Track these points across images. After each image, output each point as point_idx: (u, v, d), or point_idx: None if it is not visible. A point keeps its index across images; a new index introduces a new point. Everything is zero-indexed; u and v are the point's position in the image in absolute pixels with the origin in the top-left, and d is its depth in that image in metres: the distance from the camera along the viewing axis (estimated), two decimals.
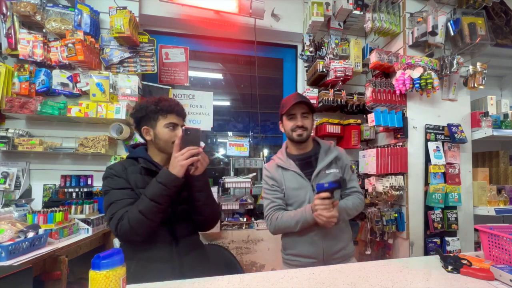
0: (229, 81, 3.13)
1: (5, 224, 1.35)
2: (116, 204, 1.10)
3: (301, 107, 1.38)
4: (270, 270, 2.16)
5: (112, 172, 1.16)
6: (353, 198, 1.41)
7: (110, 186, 1.14)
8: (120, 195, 1.12)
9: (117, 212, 1.08)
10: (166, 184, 1.07)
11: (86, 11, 2.00)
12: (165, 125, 1.20)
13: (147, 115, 1.21)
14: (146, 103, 1.22)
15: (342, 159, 1.46)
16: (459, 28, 2.09)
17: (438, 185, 2.01)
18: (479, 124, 2.13)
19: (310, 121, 1.42)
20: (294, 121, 1.39)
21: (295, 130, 1.39)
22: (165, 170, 1.10)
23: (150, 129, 1.22)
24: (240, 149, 2.36)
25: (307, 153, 1.45)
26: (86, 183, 2.02)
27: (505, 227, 1.12)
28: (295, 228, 1.30)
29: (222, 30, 2.51)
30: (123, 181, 1.14)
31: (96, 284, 0.68)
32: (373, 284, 0.90)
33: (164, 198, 1.08)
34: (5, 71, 1.87)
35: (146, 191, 1.08)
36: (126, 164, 1.20)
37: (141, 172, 1.18)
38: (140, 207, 1.06)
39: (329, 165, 1.41)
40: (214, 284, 0.91)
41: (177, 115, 1.23)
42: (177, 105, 1.24)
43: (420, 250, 2.01)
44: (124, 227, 1.05)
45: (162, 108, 1.20)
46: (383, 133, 2.36)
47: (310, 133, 1.42)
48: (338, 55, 2.41)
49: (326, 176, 1.39)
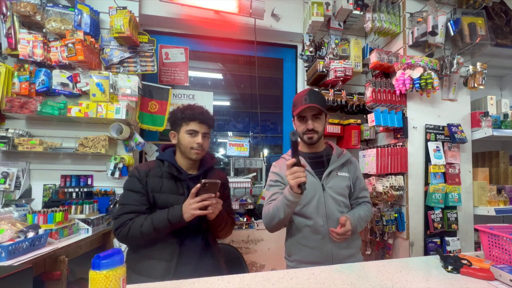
0: (229, 81, 3.13)
1: (5, 224, 1.35)
2: (124, 207, 1.21)
3: (312, 109, 1.32)
4: (270, 270, 2.16)
5: (135, 174, 1.26)
6: (364, 209, 1.39)
7: (128, 186, 1.25)
8: (130, 199, 1.22)
9: (122, 215, 1.18)
10: (173, 224, 1.15)
11: (86, 11, 1.99)
12: (186, 131, 1.29)
13: (175, 121, 1.32)
14: (176, 110, 1.34)
15: (355, 164, 1.45)
16: (459, 28, 2.09)
17: (438, 185, 2.01)
18: (479, 124, 2.13)
19: (322, 122, 1.38)
20: (305, 124, 1.35)
21: (306, 133, 1.36)
22: (178, 211, 1.16)
23: (175, 133, 1.34)
24: (240, 149, 2.36)
25: (319, 152, 1.43)
26: (86, 183, 2.02)
27: (505, 227, 1.12)
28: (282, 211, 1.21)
29: (222, 30, 2.51)
30: (140, 185, 1.23)
31: (96, 284, 0.68)
32: (373, 284, 0.90)
33: (166, 231, 1.17)
34: (5, 71, 1.86)
35: (154, 218, 1.16)
36: (151, 166, 1.29)
37: (162, 175, 1.26)
38: (142, 228, 1.14)
39: (341, 167, 1.39)
40: (214, 284, 0.91)
41: (199, 123, 1.30)
42: (201, 113, 1.31)
43: (420, 250, 2.01)
44: (122, 234, 1.16)
45: (185, 116, 1.29)
46: (383, 133, 2.36)
47: (321, 134, 1.38)
48: (338, 55, 2.40)
49: (337, 177, 1.36)
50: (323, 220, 1.30)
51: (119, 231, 1.16)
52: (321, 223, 1.30)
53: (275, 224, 1.28)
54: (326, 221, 1.30)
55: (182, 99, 2.45)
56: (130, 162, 2.07)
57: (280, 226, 1.32)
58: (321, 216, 1.30)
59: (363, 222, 1.36)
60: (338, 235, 1.25)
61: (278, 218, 1.24)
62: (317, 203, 1.31)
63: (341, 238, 1.26)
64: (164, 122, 2.26)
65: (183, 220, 1.15)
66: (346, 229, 1.25)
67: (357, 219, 1.32)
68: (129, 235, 1.15)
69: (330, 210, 1.31)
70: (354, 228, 1.28)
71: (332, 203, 1.32)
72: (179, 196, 1.25)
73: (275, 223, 1.27)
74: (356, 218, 1.32)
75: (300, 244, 1.33)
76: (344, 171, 1.39)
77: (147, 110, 2.24)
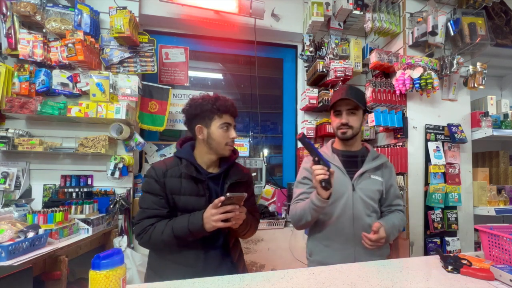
0: (229, 81, 3.12)
1: (5, 224, 1.35)
2: (144, 211, 1.15)
3: (348, 103, 1.28)
4: (270, 270, 2.16)
5: (151, 175, 1.17)
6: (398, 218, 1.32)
7: (146, 188, 1.18)
8: (150, 202, 1.15)
9: (143, 220, 1.13)
10: (193, 233, 1.09)
11: (86, 11, 1.99)
12: (220, 125, 1.17)
13: (202, 113, 1.17)
14: (202, 101, 1.19)
15: (390, 169, 1.39)
16: (459, 28, 2.09)
17: (438, 185, 2.01)
18: (479, 124, 2.13)
19: (358, 118, 1.31)
20: (339, 118, 1.31)
21: (340, 128, 1.31)
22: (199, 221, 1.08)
23: (204, 127, 1.18)
24: (240, 149, 2.36)
25: (354, 151, 1.37)
26: (86, 183, 2.02)
27: (505, 227, 1.12)
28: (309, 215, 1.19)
29: (222, 30, 2.51)
30: (158, 187, 1.14)
31: (96, 284, 0.68)
32: (373, 284, 0.90)
33: (187, 239, 1.11)
34: (5, 71, 1.86)
35: (174, 226, 1.10)
36: (168, 165, 1.18)
37: (181, 175, 1.16)
38: (163, 236, 1.09)
39: (375, 170, 1.33)
40: (214, 284, 0.91)
41: (231, 115, 1.21)
42: (232, 105, 1.21)
43: (420, 250, 2.01)
44: (144, 241, 1.12)
45: (218, 108, 1.17)
46: (383, 133, 2.36)
47: (357, 130, 1.32)
48: (338, 55, 2.40)
49: (369, 180, 1.30)
50: (349, 222, 1.25)
51: (141, 237, 1.12)
52: (347, 225, 1.25)
53: (303, 224, 1.27)
54: (352, 223, 1.25)
55: (182, 99, 2.45)
56: (130, 162, 2.07)
57: (308, 226, 1.31)
58: (347, 217, 1.26)
59: (396, 231, 1.28)
60: (371, 241, 1.19)
61: (306, 220, 1.22)
62: (345, 203, 1.26)
63: (373, 245, 1.20)
64: (164, 122, 2.26)
65: (204, 230, 1.07)
66: (380, 236, 1.18)
67: (391, 227, 1.24)
68: (151, 242, 1.11)
69: (357, 212, 1.26)
70: (387, 236, 1.21)
71: (361, 205, 1.27)
72: (199, 197, 1.16)
73: (302, 223, 1.25)
74: (390, 226, 1.24)
75: (322, 244, 1.30)
76: (377, 175, 1.33)
77: (147, 110, 2.24)
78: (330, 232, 1.28)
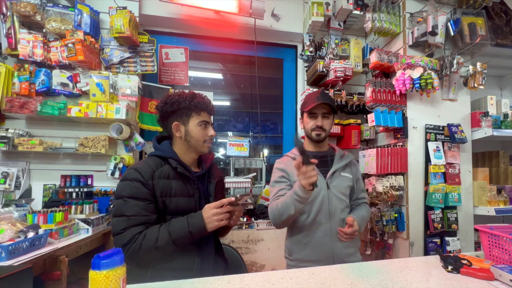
0: (229, 81, 3.12)
1: (5, 224, 1.35)
2: (129, 220, 1.02)
3: (323, 107, 1.39)
4: (270, 270, 2.16)
5: (136, 177, 1.05)
6: (365, 210, 1.45)
7: (129, 193, 1.04)
8: (137, 209, 1.03)
9: (129, 229, 1.01)
10: (194, 235, 1.05)
11: (86, 11, 1.99)
12: (198, 123, 1.16)
13: (179, 110, 1.15)
14: (178, 98, 1.15)
15: (357, 166, 1.52)
16: (459, 28, 2.09)
17: (438, 185, 2.01)
18: (479, 124, 2.13)
19: (330, 121, 1.44)
20: (315, 120, 1.40)
21: (315, 130, 1.40)
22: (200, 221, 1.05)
23: (181, 125, 1.16)
24: (240, 149, 2.36)
25: (324, 152, 1.47)
26: (86, 183, 2.02)
27: (505, 227, 1.12)
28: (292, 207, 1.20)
29: (222, 30, 2.51)
30: (145, 191, 1.05)
31: (96, 284, 0.68)
32: (373, 284, 0.90)
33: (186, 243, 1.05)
34: (5, 71, 1.86)
35: (173, 229, 1.03)
36: (153, 166, 1.10)
37: (169, 176, 1.10)
38: (158, 243, 1.00)
39: (344, 168, 1.44)
40: (214, 284, 0.91)
41: (208, 113, 1.21)
42: (209, 103, 1.21)
43: (420, 250, 2.01)
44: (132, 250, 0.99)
45: (196, 105, 1.15)
46: (383, 133, 2.36)
47: (328, 134, 1.44)
48: (338, 55, 2.40)
49: (340, 177, 1.41)
50: (326, 218, 1.34)
51: (128, 248, 0.99)
52: (324, 221, 1.33)
53: (284, 220, 1.27)
54: (329, 219, 1.34)
55: None
56: (130, 162, 2.07)
57: (288, 222, 1.32)
58: (324, 214, 1.34)
59: (365, 222, 1.43)
60: (347, 235, 1.30)
61: (288, 214, 1.23)
62: (321, 201, 1.34)
63: (348, 238, 1.31)
64: None
65: (206, 230, 1.05)
66: (354, 229, 1.30)
67: (361, 220, 1.38)
68: (141, 252, 0.99)
69: (333, 209, 1.35)
70: (359, 228, 1.33)
71: (336, 202, 1.37)
72: (190, 198, 1.13)
73: (284, 219, 1.26)
74: (360, 218, 1.37)
75: (302, 242, 1.35)
76: (347, 172, 1.44)
77: (147, 110, 2.24)
78: (310, 230, 1.34)
